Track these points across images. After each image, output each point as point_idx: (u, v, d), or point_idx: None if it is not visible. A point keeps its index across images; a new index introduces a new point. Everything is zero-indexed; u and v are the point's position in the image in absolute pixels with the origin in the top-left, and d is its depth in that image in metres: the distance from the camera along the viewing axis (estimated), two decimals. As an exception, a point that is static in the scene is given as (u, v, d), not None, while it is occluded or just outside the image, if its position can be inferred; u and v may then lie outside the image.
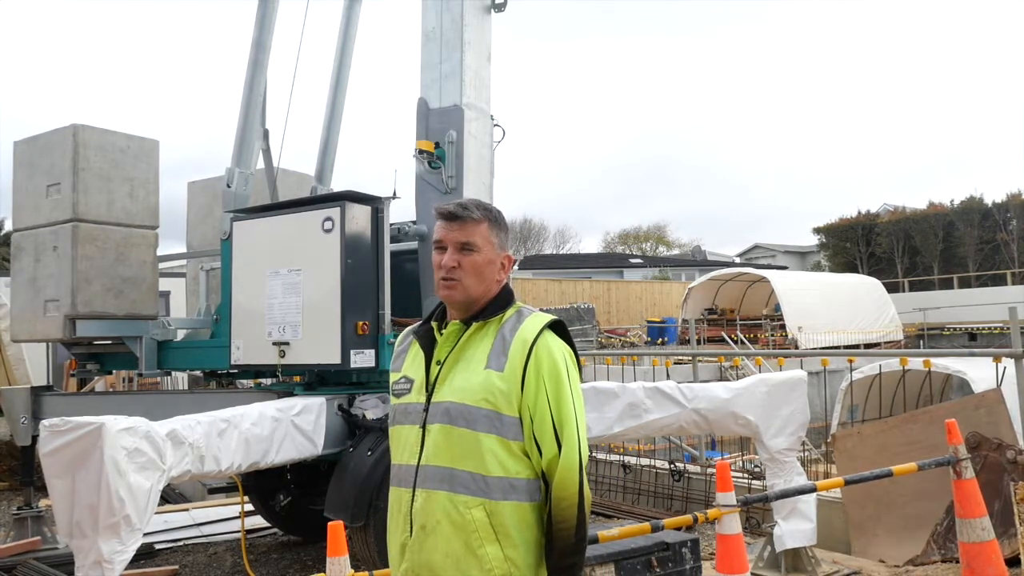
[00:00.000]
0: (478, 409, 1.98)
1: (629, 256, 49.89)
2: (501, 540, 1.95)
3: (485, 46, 6.03)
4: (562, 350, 2.05)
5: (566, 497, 1.96)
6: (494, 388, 1.98)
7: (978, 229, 40.38)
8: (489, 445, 1.97)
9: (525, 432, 1.99)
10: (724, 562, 3.80)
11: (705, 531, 6.03)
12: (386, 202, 5.54)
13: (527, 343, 2.00)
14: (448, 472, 1.98)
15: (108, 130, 6.22)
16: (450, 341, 2.10)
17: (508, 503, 1.96)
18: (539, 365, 1.99)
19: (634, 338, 25.33)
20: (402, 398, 2.14)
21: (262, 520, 7.06)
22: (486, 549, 1.94)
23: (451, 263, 2.06)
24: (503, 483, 1.96)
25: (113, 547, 3.50)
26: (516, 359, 2.00)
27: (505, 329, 2.05)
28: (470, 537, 1.94)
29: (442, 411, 2.02)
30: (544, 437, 1.97)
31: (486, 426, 1.97)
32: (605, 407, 5.35)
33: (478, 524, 1.94)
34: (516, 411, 1.99)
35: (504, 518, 1.95)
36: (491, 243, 2.11)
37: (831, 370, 8.55)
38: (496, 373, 2.00)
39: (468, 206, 2.11)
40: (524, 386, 1.98)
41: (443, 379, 2.06)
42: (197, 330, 6.49)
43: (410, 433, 2.08)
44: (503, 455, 1.97)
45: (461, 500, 1.96)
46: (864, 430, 6.85)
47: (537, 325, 2.04)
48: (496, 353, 2.02)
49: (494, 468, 1.96)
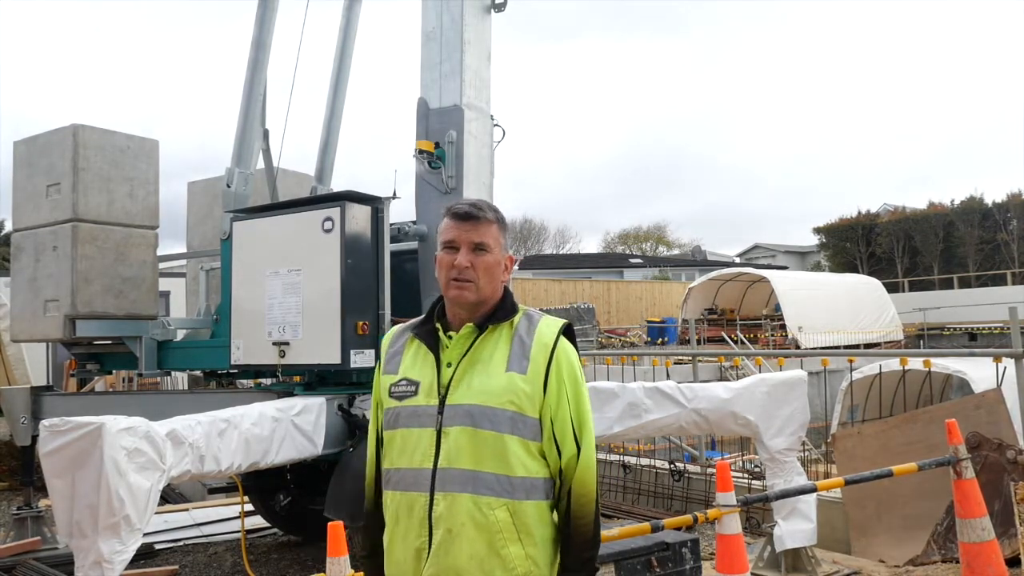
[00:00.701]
0: (503, 411, 2.00)
1: (629, 256, 49.91)
2: (523, 539, 1.99)
3: (485, 46, 6.03)
4: (575, 353, 2.12)
5: (586, 494, 2.03)
6: (519, 390, 2.01)
7: (978, 229, 40.39)
8: (513, 446, 2.00)
9: (544, 433, 2.04)
10: (724, 562, 3.80)
11: (705, 531, 6.03)
12: (386, 202, 5.54)
13: (548, 347, 2.05)
14: (472, 475, 1.98)
15: (108, 130, 6.22)
16: (462, 343, 2.08)
17: (530, 502, 2.01)
18: (560, 368, 2.05)
19: (634, 338, 25.35)
20: (406, 401, 2.09)
21: (262, 520, 7.06)
22: (509, 549, 1.97)
23: (465, 263, 2.05)
24: (526, 483, 2.00)
25: (113, 547, 3.49)
26: (539, 362, 2.04)
27: (520, 332, 2.08)
28: (494, 538, 1.96)
29: (463, 413, 2.01)
30: (565, 438, 2.03)
31: (510, 427, 2.00)
32: (605, 407, 5.34)
33: (502, 525, 1.97)
34: (538, 413, 2.03)
35: (527, 517, 2.00)
36: (500, 244, 2.12)
37: (831, 370, 8.56)
38: (519, 375, 2.02)
39: (481, 207, 2.11)
40: (547, 388, 2.03)
41: (458, 381, 2.04)
42: (197, 330, 6.49)
43: (421, 436, 2.05)
44: (524, 456, 2.01)
45: (485, 502, 1.97)
46: (864, 430, 6.85)
47: (554, 329, 2.09)
48: (516, 356, 2.05)
49: (518, 469, 2.00)
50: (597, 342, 22.61)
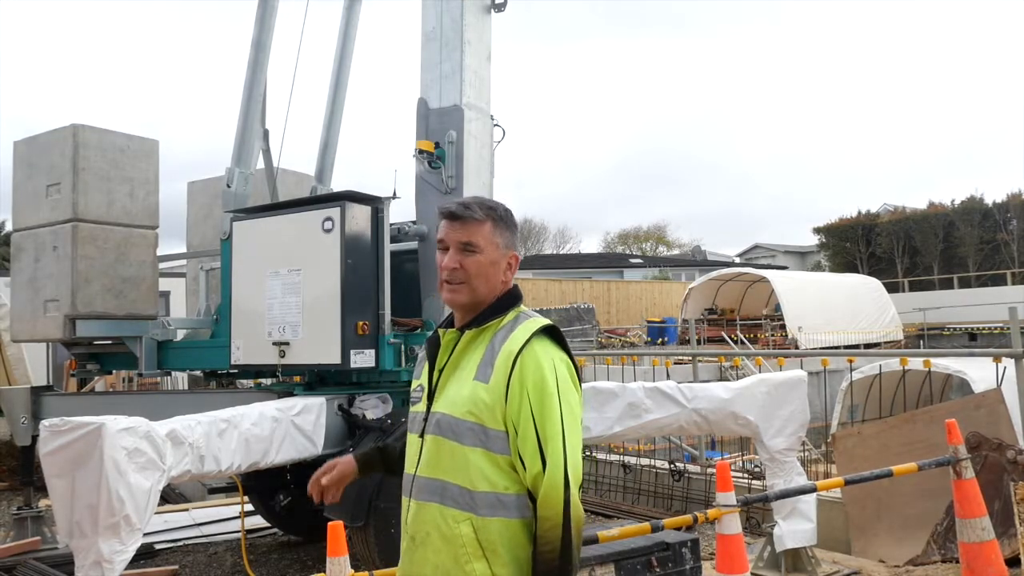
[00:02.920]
0: (464, 422, 1.91)
1: (629, 256, 49.88)
2: (489, 557, 1.87)
3: (485, 46, 6.03)
4: (553, 359, 1.93)
5: (550, 517, 1.83)
6: (479, 400, 1.91)
7: (978, 229, 40.35)
8: (475, 459, 1.89)
9: (512, 446, 1.90)
10: (724, 562, 3.80)
11: (705, 531, 6.03)
12: (386, 202, 5.54)
13: (512, 353, 1.91)
14: (440, 484, 1.94)
15: (108, 130, 6.21)
16: (448, 348, 2.04)
17: (496, 519, 1.88)
18: (523, 376, 1.89)
19: (634, 338, 25.34)
20: (414, 406, 2.12)
21: (262, 520, 7.06)
22: (473, 565, 1.87)
23: (451, 264, 2.00)
24: (490, 498, 1.88)
25: (113, 547, 3.49)
26: (501, 370, 1.91)
27: (496, 338, 1.97)
28: (458, 552, 1.88)
29: (434, 422, 1.98)
30: (527, 452, 1.87)
31: (471, 440, 1.90)
32: (605, 407, 5.34)
33: (465, 540, 1.88)
34: (502, 424, 1.90)
35: (491, 535, 1.87)
36: (494, 243, 2.02)
37: (831, 370, 8.55)
38: (482, 385, 1.92)
39: (470, 205, 2.03)
40: (508, 398, 1.89)
41: (441, 388, 2.02)
42: (197, 330, 6.49)
43: (412, 442, 2.07)
44: (489, 469, 1.89)
45: (451, 514, 1.90)
46: (864, 430, 6.86)
47: (526, 333, 1.94)
48: (484, 363, 1.94)
49: (480, 483, 1.89)
50: (597, 342, 22.61)
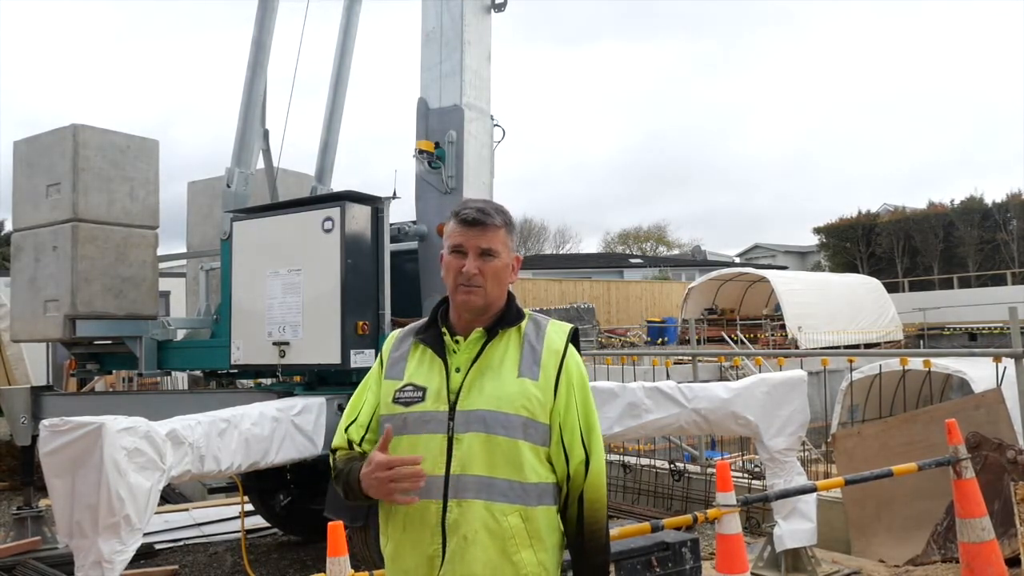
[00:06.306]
0: (517, 417, 2.00)
1: (629, 256, 49.91)
2: (535, 544, 1.99)
3: (485, 46, 6.03)
4: (582, 360, 2.14)
5: (598, 499, 2.06)
6: (531, 396, 2.02)
7: (978, 229, 40.37)
8: (525, 452, 2.01)
9: (552, 439, 2.05)
10: (724, 562, 3.80)
11: (705, 531, 6.03)
12: (386, 202, 5.54)
13: (559, 353, 2.08)
14: (487, 481, 1.98)
15: (108, 130, 6.22)
16: (471, 348, 2.07)
17: (541, 508, 2.02)
18: (570, 375, 2.07)
19: (634, 338, 25.33)
20: (413, 407, 2.06)
21: (262, 520, 7.06)
22: (521, 555, 1.97)
23: (474, 270, 2.04)
24: (538, 488, 2.02)
25: (113, 547, 3.49)
26: (549, 369, 2.06)
27: (530, 338, 2.10)
28: (507, 544, 1.97)
29: (476, 419, 2.00)
30: (574, 444, 2.05)
31: (522, 433, 2.01)
32: (605, 407, 5.34)
33: (515, 530, 1.97)
34: (548, 418, 2.04)
35: (538, 523, 2.01)
36: (507, 247, 2.10)
37: (831, 370, 8.54)
38: (531, 382, 2.03)
39: (489, 211, 2.08)
40: (556, 395, 2.05)
41: (468, 387, 2.03)
42: (197, 330, 6.50)
43: (430, 443, 2.02)
44: (535, 461, 2.02)
45: (498, 508, 1.97)
46: (864, 430, 6.85)
47: (563, 335, 2.12)
48: (528, 362, 2.06)
49: (530, 475, 2.01)
50: (597, 342, 22.60)
